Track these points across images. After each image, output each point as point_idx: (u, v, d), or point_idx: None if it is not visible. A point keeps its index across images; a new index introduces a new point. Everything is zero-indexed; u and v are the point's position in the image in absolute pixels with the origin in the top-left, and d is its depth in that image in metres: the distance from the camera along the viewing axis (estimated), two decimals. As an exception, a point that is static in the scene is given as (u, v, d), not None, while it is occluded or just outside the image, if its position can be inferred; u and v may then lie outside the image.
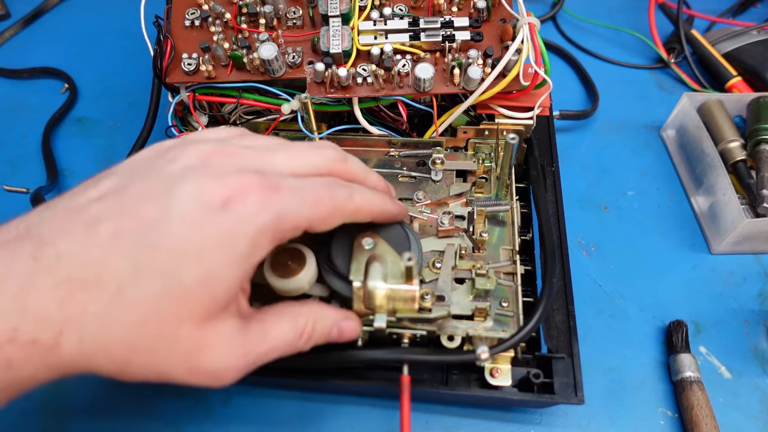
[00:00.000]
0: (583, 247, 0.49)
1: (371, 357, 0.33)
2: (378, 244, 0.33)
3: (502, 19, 0.42)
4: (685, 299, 0.46)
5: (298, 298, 0.36)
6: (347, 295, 0.33)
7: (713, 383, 0.41)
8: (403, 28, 0.41)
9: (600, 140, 0.57)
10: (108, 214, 0.24)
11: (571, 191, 0.52)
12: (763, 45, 0.60)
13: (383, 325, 0.32)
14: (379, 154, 0.44)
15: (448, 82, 0.41)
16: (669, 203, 0.52)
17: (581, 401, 0.35)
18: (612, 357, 0.43)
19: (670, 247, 0.49)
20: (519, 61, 0.39)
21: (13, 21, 0.69)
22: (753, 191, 0.48)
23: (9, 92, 0.63)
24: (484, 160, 0.43)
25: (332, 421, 0.39)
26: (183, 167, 0.26)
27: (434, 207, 0.40)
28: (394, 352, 0.33)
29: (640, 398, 0.41)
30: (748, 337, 0.44)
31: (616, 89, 0.62)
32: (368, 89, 0.41)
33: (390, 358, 0.33)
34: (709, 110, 0.53)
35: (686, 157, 0.53)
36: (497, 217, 0.40)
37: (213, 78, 0.41)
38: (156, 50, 0.41)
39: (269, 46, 0.40)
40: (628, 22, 0.69)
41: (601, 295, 0.46)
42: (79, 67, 0.64)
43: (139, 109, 0.50)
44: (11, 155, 0.56)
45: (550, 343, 0.37)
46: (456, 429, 0.39)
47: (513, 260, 0.38)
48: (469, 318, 0.35)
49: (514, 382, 0.36)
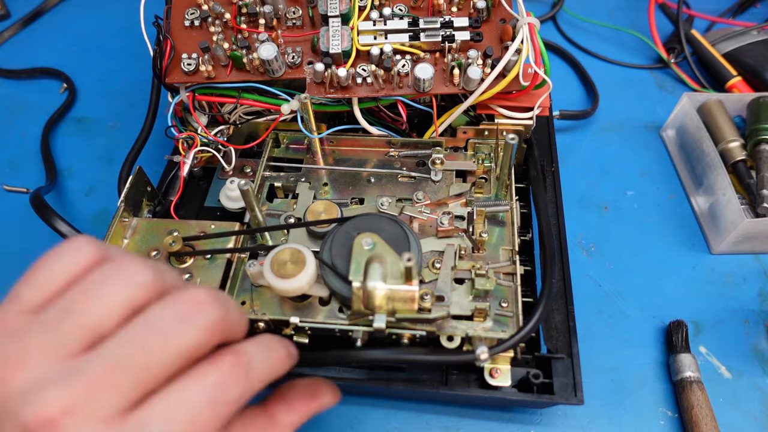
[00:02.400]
0: (583, 247, 0.49)
1: (370, 357, 0.33)
2: (377, 245, 0.33)
3: (502, 20, 0.42)
4: (685, 299, 0.46)
5: (298, 297, 0.36)
6: (347, 295, 0.33)
7: (713, 383, 0.41)
8: (402, 29, 0.40)
9: (600, 140, 0.57)
10: None
11: (571, 191, 0.52)
12: (763, 45, 0.60)
13: (383, 326, 0.32)
14: (378, 154, 0.44)
15: (448, 82, 0.41)
16: (669, 203, 0.52)
17: (581, 401, 0.35)
18: (612, 357, 0.43)
19: (670, 247, 0.49)
20: (519, 61, 0.39)
21: (13, 21, 0.69)
22: (753, 191, 0.48)
23: (8, 92, 0.63)
24: (484, 161, 0.43)
25: (332, 421, 0.39)
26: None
27: (434, 207, 0.40)
28: (393, 352, 0.33)
29: (640, 398, 0.41)
30: (748, 337, 0.44)
31: (616, 89, 0.62)
32: (368, 89, 0.40)
33: (389, 358, 0.33)
34: (709, 110, 0.53)
35: (686, 157, 0.53)
36: (497, 218, 0.40)
37: (213, 78, 0.41)
38: (156, 50, 0.41)
39: (269, 46, 0.40)
40: (628, 22, 0.69)
41: (601, 295, 0.46)
42: (78, 67, 0.64)
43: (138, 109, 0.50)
44: (11, 155, 0.56)
45: (549, 343, 0.37)
46: (456, 429, 0.39)
47: (512, 260, 0.38)
48: (469, 318, 0.35)
49: (514, 382, 0.36)
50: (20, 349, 0.21)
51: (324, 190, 0.42)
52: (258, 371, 0.24)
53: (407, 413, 0.40)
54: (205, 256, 0.38)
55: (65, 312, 0.21)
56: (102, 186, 0.54)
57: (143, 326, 0.21)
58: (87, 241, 0.24)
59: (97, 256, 0.23)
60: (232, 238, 0.39)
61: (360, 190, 0.42)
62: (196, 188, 0.47)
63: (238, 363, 0.23)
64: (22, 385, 0.20)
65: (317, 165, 0.44)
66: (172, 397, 0.21)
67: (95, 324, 0.21)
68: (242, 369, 0.23)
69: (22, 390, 0.20)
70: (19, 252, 0.49)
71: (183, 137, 0.44)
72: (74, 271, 0.23)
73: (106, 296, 0.22)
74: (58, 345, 0.21)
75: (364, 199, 0.42)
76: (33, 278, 0.23)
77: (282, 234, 0.39)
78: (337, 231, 0.35)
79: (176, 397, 0.21)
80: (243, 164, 0.45)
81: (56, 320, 0.21)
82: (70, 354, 0.21)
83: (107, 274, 0.22)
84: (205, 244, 0.39)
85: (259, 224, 0.37)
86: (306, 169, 0.43)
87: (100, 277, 0.22)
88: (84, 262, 0.23)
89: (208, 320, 0.22)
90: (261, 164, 0.43)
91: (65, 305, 0.22)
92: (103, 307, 0.21)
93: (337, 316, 0.35)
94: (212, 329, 0.22)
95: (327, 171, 0.43)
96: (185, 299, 0.22)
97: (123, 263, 0.23)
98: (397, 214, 0.40)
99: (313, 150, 0.44)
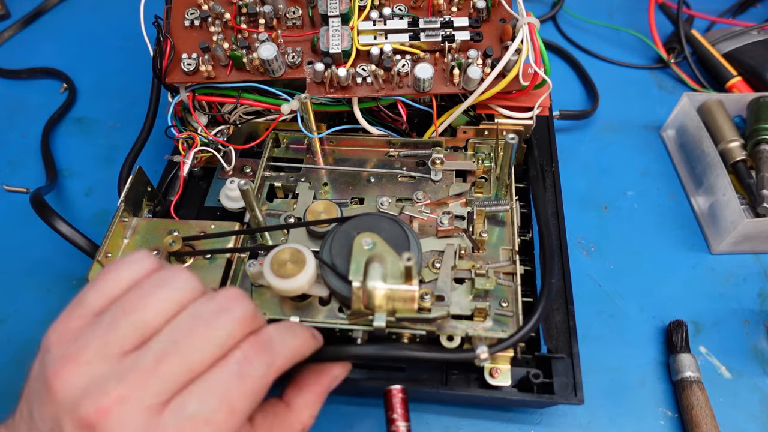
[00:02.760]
0: (583, 247, 0.49)
1: (368, 353, 0.33)
2: (377, 244, 0.33)
3: (502, 19, 0.42)
4: (685, 299, 0.46)
5: (297, 297, 0.36)
6: (346, 295, 0.33)
7: (713, 383, 0.41)
8: (402, 28, 0.40)
9: (600, 140, 0.57)
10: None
11: (571, 191, 0.52)
12: (763, 45, 0.60)
13: (383, 325, 0.32)
14: (378, 154, 0.44)
15: (448, 82, 0.41)
16: (669, 203, 0.52)
17: (581, 401, 0.35)
18: (612, 357, 0.43)
19: (670, 247, 0.49)
20: (519, 61, 0.39)
21: (13, 21, 0.69)
22: (753, 191, 0.48)
23: (8, 92, 0.63)
24: (484, 160, 0.43)
25: (332, 421, 0.39)
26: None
27: (434, 207, 0.40)
28: (392, 348, 0.33)
29: (640, 398, 0.41)
30: (748, 337, 0.44)
31: (616, 89, 0.62)
32: (368, 89, 0.40)
33: (388, 355, 0.33)
34: (709, 110, 0.53)
35: (686, 157, 0.53)
36: (497, 217, 0.40)
37: (212, 78, 0.41)
38: (156, 50, 0.41)
39: (269, 46, 0.40)
40: (628, 22, 0.69)
41: (601, 295, 0.46)
42: (78, 67, 0.64)
43: (138, 109, 0.50)
44: (11, 155, 0.56)
45: (549, 343, 0.37)
46: (456, 429, 0.39)
47: (512, 260, 0.38)
48: (469, 318, 0.35)
49: (514, 382, 0.36)
50: (79, 348, 0.24)
51: (324, 190, 0.42)
52: (279, 348, 0.26)
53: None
54: (205, 256, 0.38)
55: (122, 312, 0.25)
56: (102, 186, 0.54)
57: (188, 318, 0.25)
58: (145, 254, 0.27)
59: (153, 266, 0.27)
60: (232, 238, 0.39)
61: (360, 190, 0.42)
62: (196, 188, 0.47)
63: (259, 340, 0.26)
64: (80, 382, 0.23)
65: (317, 165, 0.44)
66: (208, 380, 0.24)
67: (148, 322, 0.24)
68: (263, 345, 0.26)
69: (80, 386, 0.23)
70: (19, 252, 0.49)
71: (183, 137, 0.44)
72: (134, 278, 0.26)
73: (159, 297, 0.25)
74: (113, 343, 0.24)
75: (364, 199, 0.42)
76: (97, 285, 0.26)
77: (282, 234, 0.39)
78: (337, 231, 0.35)
79: (210, 379, 0.24)
80: (243, 164, 0.45)
81: (114, 321, 0.24)
82: (123, 351, 0.24)
83: (161, 279, 0.26)
84: (205, 244, 0.39)
85: (259, 224, 0.37)
86: (306, 169, 0.43)
87: (155, 281, 0.26)
88: (142, 271, 0.27)
89: (243, 312, 0.25)
90: (261, 164, 0.43)
91: (123, 306, 0.25)
92: (156, 307, 0.25)
93: (337, 316, 0.35)
94: (246, 320, 0.25)
95: (327, 171, 0.43)
96: (222, 296, 0.26)
97: (174, 271, 0.26)
98: (397, 214, 0.40)
99: (313, 150, 0.44)
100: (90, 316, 0.25)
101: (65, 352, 0.24)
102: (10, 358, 0.43)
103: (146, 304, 0.25)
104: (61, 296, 0.46)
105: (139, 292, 0.25)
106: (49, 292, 0.46)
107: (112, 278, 0.26)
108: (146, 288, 0.25)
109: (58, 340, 0.24)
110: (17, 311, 0.45)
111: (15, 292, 0.46)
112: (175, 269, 0.27)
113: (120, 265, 0.27)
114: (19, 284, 0.47)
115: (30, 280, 0.47)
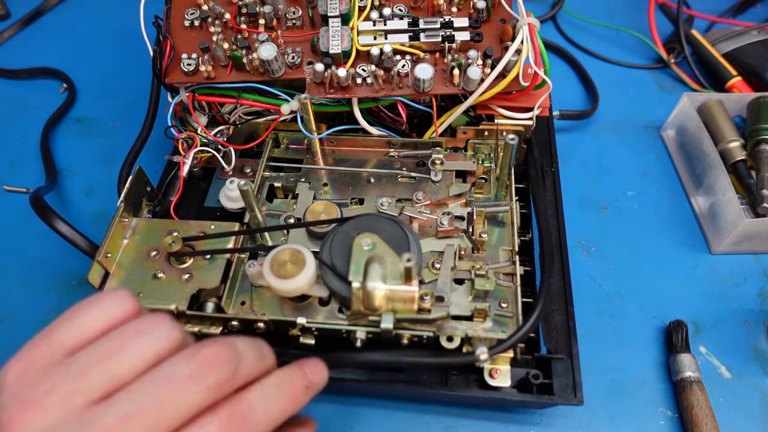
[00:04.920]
0: (583, 247, 0.49)
1: (370, 359, 0.33)
2: (377, 245, 0.33)
3: (502, 20, 0.42)
4: (685, 299, 0.46)
5: (297, 298, 0.36)
6: (346, 295, 0.33)
7: (713, 383, 0.41)
8: (402, 29, 0.40)
9: (600, 140, 0.57)
10: None
11: (571, 191, 0.52)
12: (763, 45, 0.60)
13: (390, 326, 0.32)
14: (378, 155, 0.44)
15: (448, 82, 0.41)
16: (669, 203, 0.52)
17: (580, 402, 0.35)
18: (612, 357, 0.43)
19: (670, 247, 0.49)
20: (519, 61, 0.39)
21: (13, 21, 0.69)
22: (753, 191, 0.48)
23: (8, 92, 0.63)
24: (484, 161, 0.43)
25: (332, 421, 0.39)
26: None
27: (434, 207, 0.40)
28: (393, 354, 0.33)
29: (640, 398, 0.41)
30: (748, 337, 0.44)
31: (616, 89, 0.62)
32: (368, 90, 0.40)
33: (389, 360, 0.33)
34: (709, 110, 0.53)
35: (686, 157, 0.53)
36: (497, 218, 0.40)
37: (212, 78, 0.41)
38: (155, 50, 0.41)
39: (268, 47, 0.40)
40: (628, 22, 0.69)
41: (601, 295, 0.46)
42: (78, 67, 0.64)
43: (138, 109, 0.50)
44: (11, 155, 0.56)
45: (549, 343, 0.37)
46: (456, 429, 0.39)
47: (512, 261, 0.38)
48: (469, 319, 0.35)
49: (514, 382, 0.36)
50: (43, 393, 0.22)
51: (324, 191, 0.42)
52: (262, 417, 0.24)
53: (407, 413, 0.40)
54: (204, 257, 0.38)
55: (96, 359, 0.23)
56: (102, 186, 0.54)
57: (161, 381, 0.22)
58: (125, 294, 0.25)
59: (133, 308, 0.25)
60: (231, 239, 0.39)
61: (360, 190, 0.42)
62: (195, 188, 0.47)
63: (239, 412, 0.24)
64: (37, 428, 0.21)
65: (317, 165, 0.44)
66: None
67: (121, 373, 0.22)
68: (241, 418, 0.24)
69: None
70: (19, 252, 0.49)
71: (183, 137, 0.44)
72: (112, 319, 0.24)
73: (138, 347, 0.23)
74: (80, 393, 0.22)
75: (363, 199, 0.42)
76: (70, 322, 0.24)
77: (282, 234, 0.39)
78: (337, 231, 0.35)
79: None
80: (243, 164, 0.45)
81: (85, 367, 0.22)
82: (89, 402, 0.22)
83: (143, 327, 0.24)
84: (205, 244, 0.38)
85: (258, 224, 0.37)
86: (306, 169, 0.43)
87: (136, 328, 0.24)
88: (121, 314, 0.25)
89: (217, 380, 0.23)
90: (261, 164, 0.43)
91: (99, 351, 0.23)
92: (133, 357, 0.23)
93: (336, 317, 0.35)
94: (220, 387, 0.23)
95: (327, 171, 0.43)
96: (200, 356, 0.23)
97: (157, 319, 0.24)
98: (397, 214, 0.40)
99: (313, 150, 0.44)
100: (59, 354, 0.23)
101: (27, 395, 0.22)
102: (9, 358, 0.43)
103: (123, 354, 0.23)
104: (61, 296, 0.46)
105: (119, 338, 0.23)
106: (48, 292, 0.46)
107: (88, 316, 0.24)
108: (127, 334, 0.23)
109: (19, 379, 0.23)
110: (17, 311, 0.45)
111: (15, 292, 0.46)
112: (159, 317, 0.25)
113: (97, 302, 0.25)
114: (18, 284, 0.47)
115: (30, 280, 0.47)
